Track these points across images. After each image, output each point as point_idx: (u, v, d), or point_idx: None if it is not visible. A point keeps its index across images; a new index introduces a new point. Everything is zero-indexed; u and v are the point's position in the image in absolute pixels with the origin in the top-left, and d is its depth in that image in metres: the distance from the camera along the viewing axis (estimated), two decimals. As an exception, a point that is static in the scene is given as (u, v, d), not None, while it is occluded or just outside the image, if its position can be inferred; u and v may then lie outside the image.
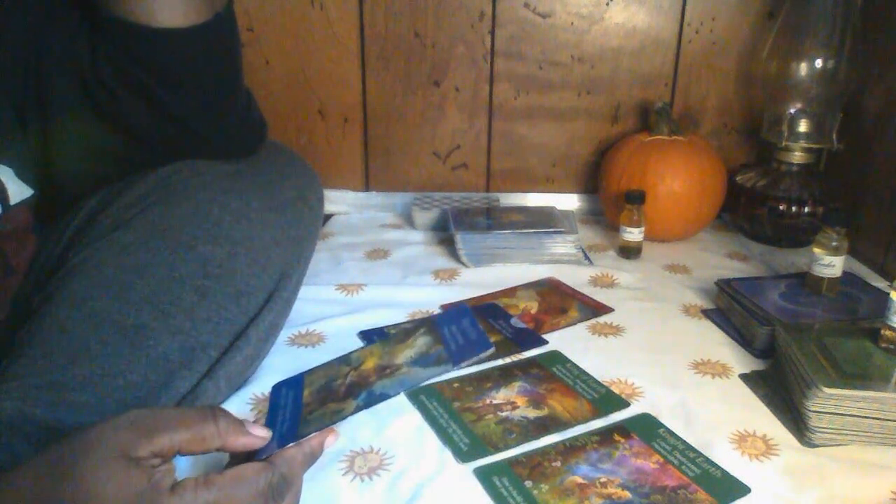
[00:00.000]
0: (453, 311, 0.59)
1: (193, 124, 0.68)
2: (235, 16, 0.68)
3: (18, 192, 0.63)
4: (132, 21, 0.60)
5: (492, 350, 0.55)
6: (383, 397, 0.50)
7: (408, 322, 0.80)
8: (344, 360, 0.57)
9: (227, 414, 0.43)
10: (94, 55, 0.63)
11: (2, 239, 0.62)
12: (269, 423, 0.50)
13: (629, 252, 0.99)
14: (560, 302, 0.85)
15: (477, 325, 0.56)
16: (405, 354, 0.54)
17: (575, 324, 0.80)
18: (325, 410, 0.50)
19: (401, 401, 0.64)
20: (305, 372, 0.57)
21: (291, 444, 0.46)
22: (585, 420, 0.62)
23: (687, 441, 0.59)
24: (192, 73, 0.65)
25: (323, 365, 0.57)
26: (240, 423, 0.44)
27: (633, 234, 0.98)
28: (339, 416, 0.49)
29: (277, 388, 0.56)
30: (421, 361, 0.53)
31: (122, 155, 0.68)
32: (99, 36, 0.63)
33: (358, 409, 0.49)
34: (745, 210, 1.06)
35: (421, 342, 0.56)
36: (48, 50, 0.64)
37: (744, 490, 0.54)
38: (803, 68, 1.01)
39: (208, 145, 0.70)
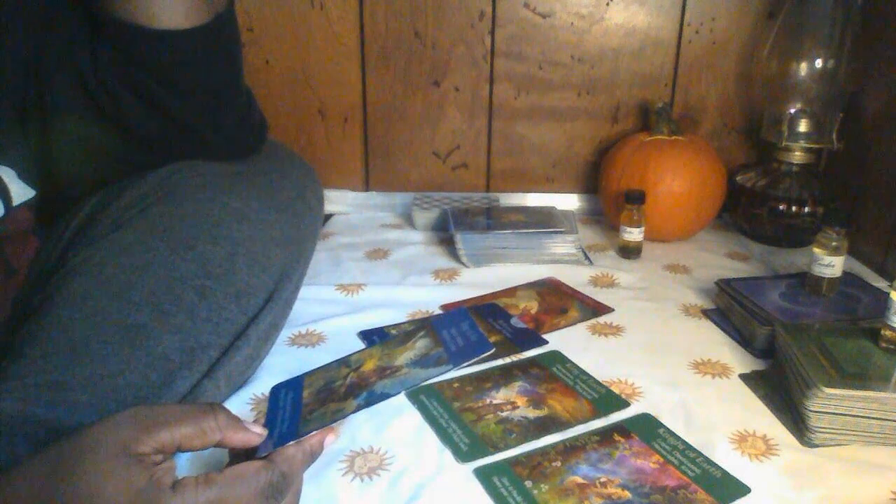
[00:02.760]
0: (453, 314, 0.59)
1: (194, 125, 0.68)
2: (236, 16, 0.69)
3: (20, 193, 0.63)
4: (133, 22, 0.60)
5: (492, 351, 0.55)
6: (384, 397, 0.50)
7: (408, 323, 0.80)
8: (343, 361, 0.57)
9: (225, 409, 0.44)
10: (94, 56, 0.63)
11: (3, 240, 0.62)
12: (269, 423, 0.50)
13: (629, 252, 0.99)
14: (560, 302, 0.85)
15: (476, 327, 0.56)
16: (405, 356, 0.54)
17: (575, 324, 0.80)
18: (325, 410, 0.50)
19: (401, 401, 0.64)
20: (304, 374, 0.57)
21: (291, 443, 0.46)
22: (585, 420, 0.62)
23: (687, 441, 0.59)
24: (192, 74, 0.65)
25: (322, 367, 0.57)
26: (238, 420, 0.44)
27: (633, 234, 0.98)
28: (340, 414, 0.49)
29: (277, 390, 0.56)
30: (421, 363, 0.53)
31: (122, 155, 0.68)
32: (100, 37, 0.63)
33: (358, 408, 0.49)
34: (745, 210, 1.06)
35: (420, 344, 0.56)
36: (48, 50, 0.64)
37: (744, 490, 0.54)
38: (803, 68, 1.01)
39: (209, 146, 0.70)
